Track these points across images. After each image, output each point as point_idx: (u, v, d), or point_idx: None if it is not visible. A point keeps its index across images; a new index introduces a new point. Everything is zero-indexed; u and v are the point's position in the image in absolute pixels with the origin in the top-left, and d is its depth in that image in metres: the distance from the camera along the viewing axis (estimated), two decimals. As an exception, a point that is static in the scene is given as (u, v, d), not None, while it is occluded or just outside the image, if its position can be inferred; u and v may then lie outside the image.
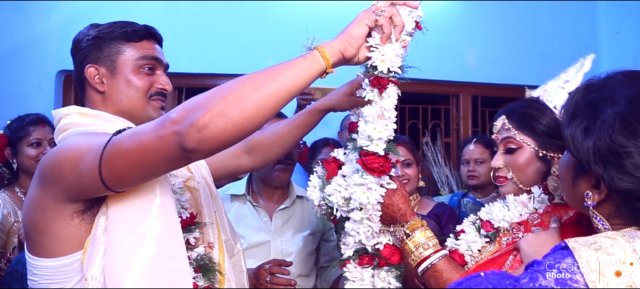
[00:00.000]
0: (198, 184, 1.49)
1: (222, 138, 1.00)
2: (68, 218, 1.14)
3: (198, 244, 1.40)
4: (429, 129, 4.11)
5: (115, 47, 1.34)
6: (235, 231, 2.08)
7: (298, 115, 1.67)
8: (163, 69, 1.43)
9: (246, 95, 1.01)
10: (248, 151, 1.66)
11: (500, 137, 1.37)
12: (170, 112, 1.03)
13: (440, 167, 3.90)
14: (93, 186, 1.08)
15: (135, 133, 1.06)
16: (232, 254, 1.54)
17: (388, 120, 1.23)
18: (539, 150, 1.31)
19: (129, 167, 1.05)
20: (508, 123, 1.35)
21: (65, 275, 1.16)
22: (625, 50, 4.04)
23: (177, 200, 1.40)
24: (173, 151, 1.01)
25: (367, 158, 1.20)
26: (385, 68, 1.20)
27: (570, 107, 1.01)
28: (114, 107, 1.33)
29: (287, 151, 1.72)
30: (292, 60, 1.11)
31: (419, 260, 1.23)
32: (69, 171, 1.09)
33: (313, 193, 1.40)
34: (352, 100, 1.51)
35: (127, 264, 1.09)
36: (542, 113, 1.33)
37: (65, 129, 1.26)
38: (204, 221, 1.44)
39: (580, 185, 1.01)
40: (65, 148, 1.15)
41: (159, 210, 1.16)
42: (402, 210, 1.26)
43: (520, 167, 1.33)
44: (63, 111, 1.30)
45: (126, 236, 1.11)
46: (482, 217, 1.38)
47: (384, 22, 1.18)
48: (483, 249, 1.34)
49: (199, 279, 1.37)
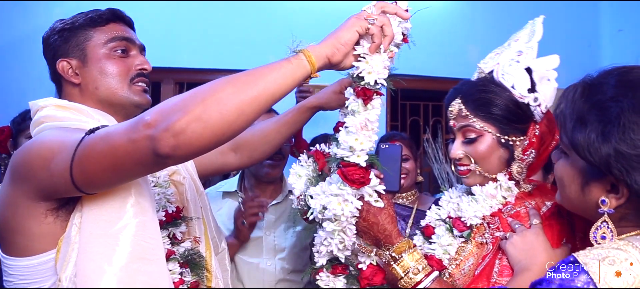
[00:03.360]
0: (183, 179, 1.46)
1: (199, 144, 0.95)
2: (41, 216, 1.08)
3: (184, 239, 1.38)
4: (430, 126, 4.10)
5: (82, 35, 1.29)
6: (228, 228, 2.09)
7: (286, 112, 1.64)
8: (138, 50, 1.36)
9: (226, 99, 0.95)
10: (235, 148, 1.63)
11: (458, 125, 1.30)
12: (145, 113, 0.97)
13: (441, 164, 3.89)
14: (64, 187, 1.03)
15: (108, 134, 1.01)
16: (218, 251, 1.52)
17: (371, 132, 1.17)
18: (500, 137, 1.25)
19: (100, 170, 1.00)
20: (465, 110, 1.28)
21: (42, 274, 1.10)
22: (627, 48, 4.02)
23: (162, 193, 1.38)
24: (146, 157, 0.95)
25: (347, 169, 1.15)
26: (372, 80, 1.15)
27: (572, 113, 0.96)
28: (91, 97, 1.27)
29: (275, 149, 1.69)
30: (276, 62, 1.06)
31: (410, 286, 1.17)
32: (40, 170, 1.04)
33: (296, 183, 1.34)
34: (341, 98, 1.47)
35: (99, 268, 1.04)
36: (499, 95, 1.25)
37: (41, 122, 1.19)
38: (190, 216, 1.41)
39: (593, 191, 0.96)
40: (37, 144, 1.09)
41: (134, 209, 1.10)
42: (387, 230, 1.19)
43: (483, 156, 1.26)
44: (40, 103, 1.24)
45: (98, 238, 1.06)
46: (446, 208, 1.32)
47: (375, 32, 1.13)
48: (460, 249, 1.28)
49: (186, 274, 1.35)
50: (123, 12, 1.36)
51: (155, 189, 1.39)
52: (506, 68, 1.28)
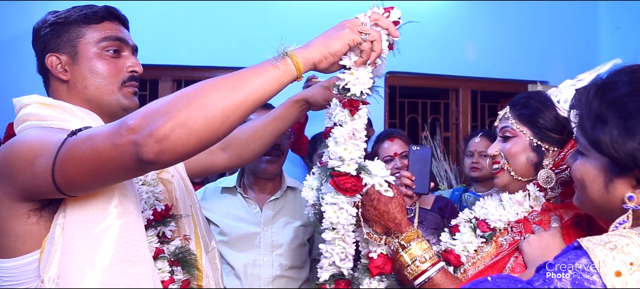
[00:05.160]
0: (172, 177, 1.44)
1: (184, 150, 0.93)
2: (24, 216, 1.06)
3: (174, 237, 1.37)
4: (428, 123, 4.11)
5: (74, 31, 1.25)
6: (226, 223, 2.09)
7: (274, 109, 1.63)
8: (131, 51, 1.32)
9: (211, 105, 0.93)
10: (224, 147, 1.61)
11: (500, 126, 1.38)
12: (128, 117, 0.94)
13: (439, 162, 3.90)
14: (46, 188, 1.00)
15: (90, 137, 0.98)
16: (208, 250, 1.51)
17: (359, 140, 1.19)
18: (533, 140, 1.31)
19: (83, 173, 0.97)
20: (509, 113, 1.36)
21: (26, 275, 1.08)
22: (625, 46, 4.03)
23: (151, 191, 1.36)
24: (130, 162, 0.93)
25: (339, 179, 1.17)
26: (358, 92, 1.17)
27: (589, 113, 0.98)
28: (79, 96, 1.24)
29: (265, 146, 1.67)
30: (262, 65, 1.04)
31: (415, 274, 1.19)
32: (22, 171, 1.02)
33: (308, 194, 1.37)
34: (326, 93, 1.48)
35: (82, 269, 1.01)
36: (543, 105, 1.32)
37: (24, 120, 1.16)
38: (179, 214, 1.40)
39: (617, 188, 0.96)
40: (19, 144, 1.06)
41: (117, 210, 1.08)
42: (397, 219, 1.21)
43: (513, 154, 1.33)
44: (23, 100, 1.20)
45: (81, 239, 1.03)
46: (477, 213, 1.37)
47: (366, 48, 1.12)
48: (479, 249, 1.33)
49: (177, 272, 1.34)
50: (118, 10, 1.32)
51: (144, 188, 1.37)
52: (563, 89, 1.35)
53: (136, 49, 1.35)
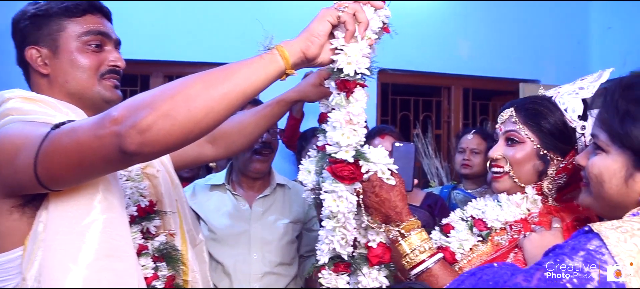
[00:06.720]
0: (157, 172, 1.43)
1: (166, 142, 0.92)
2: (6, 213, 1.04)
3: (159, 233, 1.36)
4: (420, 121, 4.12)
5: (55, 24, 1.22)
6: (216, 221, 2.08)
7: (264, 105, 1.63)
8: (113, 45, 1.30)
9: (195, 96, 0.93)
10: (212, 140, 1.60)
11: (504, 129, 1.36)
12: (112, 109, 0.94)
13: (431, 159, 3.91)
14: (29, 183, 0.99)
15: (73, 129, 0.97)
16: (195, 244, 1.50)
17: (357, 125, 1.15)
18: (540, 148, 1.30)
19: (65, 167, 0.96)
20: (515, 116, 1.33)
21: (8, 273, 1.06)
22: (615, 45, 4.06)
23: (135, 187, 1.35)
24: (113, 154, 0.92)
25: (336, 166, 1.14)
26: (352, 71, 1.12)
27: (616, 112, 1.03)
28: (60, 90, 1.22)
29: (253, 142, 1.67)
30: (248, 59, 1.03)
31: (413, 263, 1.19)
32: (4, 166, 1.01)
33: (307, 178, 1.33)
34: (319, 91, 1.47)
35: (64, 266, 1.00)
36: (551, 112, 1.32)
37: (6, 115, 1.13)
38: (164, 210, 1.38)
39: (638, 181, 1.01)
40: (0, 139, 1.05)
41: (101, 205, 1.06)
42: (398, 207, 1.19)
43: (519, 161, 1.31)
44: (5, 94, 1.17)
45: (64, 235, 1.02)
46: (471, 213, 1.36)
47: (347, 19, 1.09)
48: (475, 248, 1.33)
49: (162, 268, 1.34)
50: (101, 3, 1.29)
51: (128, 183, 1.36)
52: (565, 96, 1.34)
53: (119, 43, 1.32)
